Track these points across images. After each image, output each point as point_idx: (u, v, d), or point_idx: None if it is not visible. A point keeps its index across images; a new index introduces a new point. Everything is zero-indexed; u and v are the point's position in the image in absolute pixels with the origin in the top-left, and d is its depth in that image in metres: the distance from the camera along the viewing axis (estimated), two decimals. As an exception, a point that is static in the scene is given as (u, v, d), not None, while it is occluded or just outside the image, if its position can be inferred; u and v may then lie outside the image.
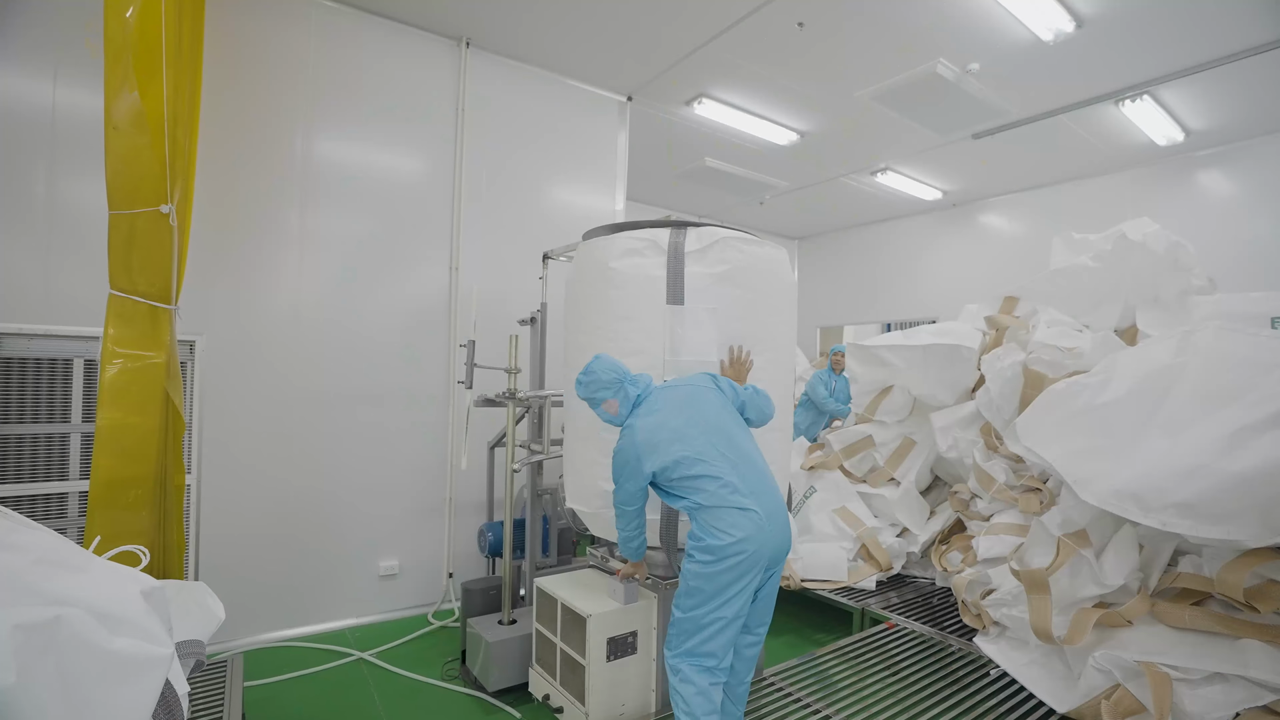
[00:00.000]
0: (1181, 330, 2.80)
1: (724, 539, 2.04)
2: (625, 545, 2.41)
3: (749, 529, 2.06)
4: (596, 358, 2.39)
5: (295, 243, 3.74)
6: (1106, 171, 6.45)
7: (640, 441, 2.21)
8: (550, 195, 4.76)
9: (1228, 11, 3.81)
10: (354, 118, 3.95)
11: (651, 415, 2.26)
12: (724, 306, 2.58)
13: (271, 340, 3.65)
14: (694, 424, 2.23)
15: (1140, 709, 2.23)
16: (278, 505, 3.65)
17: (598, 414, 2.40)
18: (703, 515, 2.11)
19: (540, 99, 4.71)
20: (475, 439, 4.26)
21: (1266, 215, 5.56)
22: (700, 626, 2.07)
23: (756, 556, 2.06)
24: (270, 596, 3.60)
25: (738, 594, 2.07)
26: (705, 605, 2.07)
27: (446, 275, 4.26)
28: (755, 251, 2.70)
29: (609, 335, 2.63)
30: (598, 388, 2.34)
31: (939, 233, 8.25)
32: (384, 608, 3.97)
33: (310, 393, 3.75)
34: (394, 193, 4.09)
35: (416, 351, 4.13)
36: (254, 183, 3.61)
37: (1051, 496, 3.30)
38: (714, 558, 2.05)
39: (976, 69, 4.46)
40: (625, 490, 2.27)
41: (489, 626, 3.01)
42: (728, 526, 2.06)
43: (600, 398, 2.35)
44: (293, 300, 3.73)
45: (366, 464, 3.93)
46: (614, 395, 2.32)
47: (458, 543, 4.23)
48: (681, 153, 6.43)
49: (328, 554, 3.79)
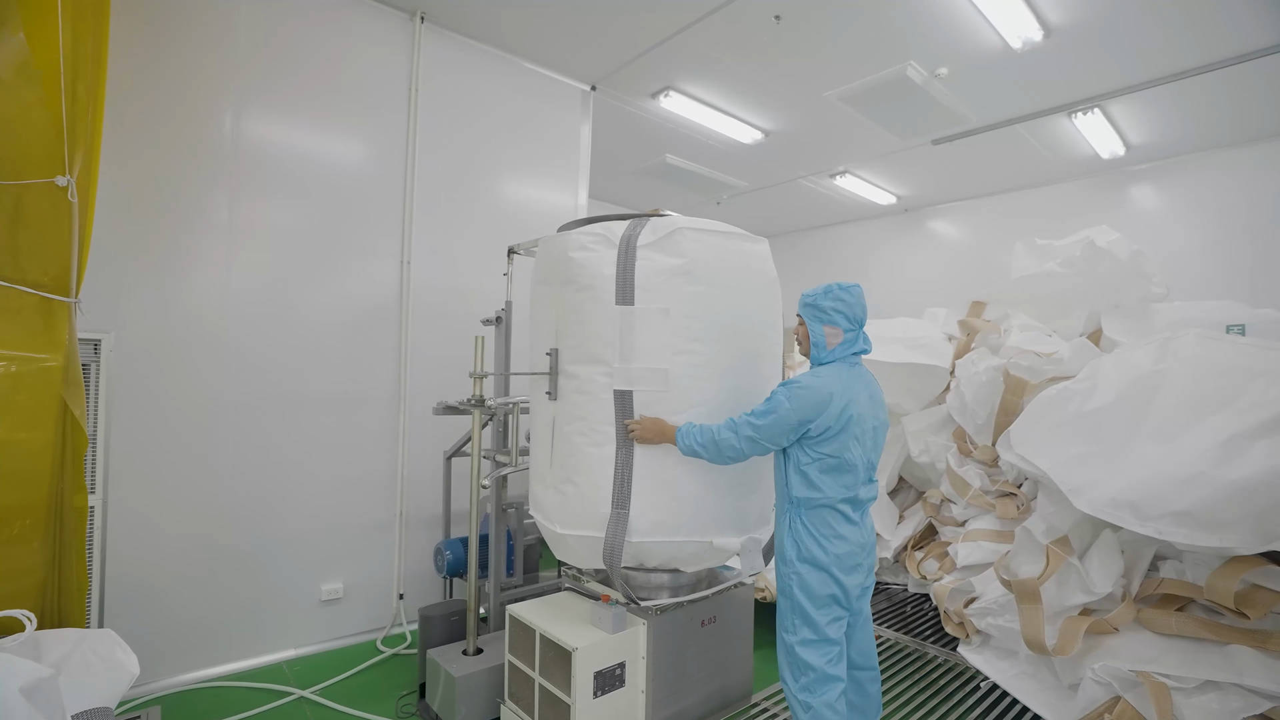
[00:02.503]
0: (1160, 336, 2.82)
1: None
2: (714, 450, 2.15)
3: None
4: (858, 286, 2.18)
5: (224, 230, 3.31)
6: (1051, 182, 6.70)
7: (840, 397, 2.01)
8: (509, 187, 4.46)
9: (1179, 32, 3.94)
10: (294, 95, 3.53)
11: (859, 386, 2.10)
12: (679, 305, 2.32)
13: (195, 340, 3.21)
14: (871, 435, 2.13)
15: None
16: (202, 526, 3.21)
17: (810, 328, 2.16)
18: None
19: (499, 83, 4.41)
20: (430, 448, 3.93)
21: (1190, 228, 5.89)
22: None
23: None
24: (194, 630, 3.16)
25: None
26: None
27: (397, 269, 3.90)
28: (721, 243, 2.44)
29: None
30: (843, 309, 2.11)
31: (889, 237, 8.40)
32: (327, 635, 3.58)
33: (241, 398, 3.33)
34: (339, 179, 3.70)
35: (364, 352, 3.76)
36: (175, 161, 3.16)
37: (1027, 501, 3.31)
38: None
39: (945, 74, 4.48)
40: (768, 430, 2.01)
41: (453, 658, 2.72)
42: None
43: (835, 321, 2.12)
44: (220, 295, 3.29)
45: (306, 477, 3.53)
46: (846, 328, 2.12)
47: (410, 561, 3.88)
48: (643, 148, 6.24)
49: (262, 578, 3.38)
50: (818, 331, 2.16)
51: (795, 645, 1.99)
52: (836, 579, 1.98)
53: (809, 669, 1.95)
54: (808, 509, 2.04)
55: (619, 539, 2.27)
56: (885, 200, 7.59)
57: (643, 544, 2.32)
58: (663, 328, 2.29)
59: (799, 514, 2.05)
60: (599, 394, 2.38)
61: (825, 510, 2.02)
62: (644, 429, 2.26)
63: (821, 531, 2.01)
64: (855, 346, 2.14)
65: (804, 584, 1.99)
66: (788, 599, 2.04)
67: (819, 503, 2.02)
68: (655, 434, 2.25)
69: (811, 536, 2.01)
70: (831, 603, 2.00)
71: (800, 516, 2.05)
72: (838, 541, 2.00)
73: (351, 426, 3.70)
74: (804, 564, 2.01)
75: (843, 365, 2.12)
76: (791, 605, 2.02)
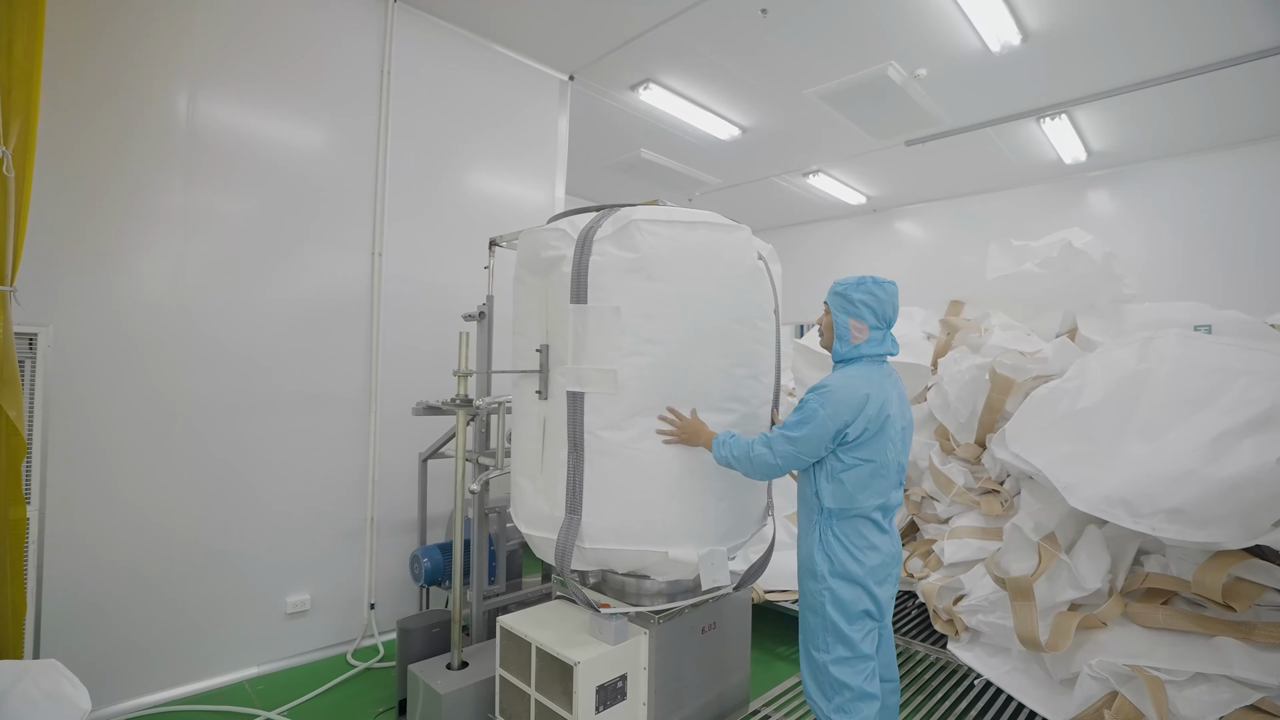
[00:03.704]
0: (1142, 336, 2.89)
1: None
2: (746, 464, 2.06)
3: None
4: (894, 284, 2.08)
5: (179, 218, 3.04)
6: (1014, 185, 6.89)
7: (872, 397, 1.92)
8: (484, 179, 4.29)
9: (1153, 37, 4.06)
10: (257, 75, 3.28)
11: (888, 386, 2.02)
12: (630, 303, 2.19)
13: (146, 336, 2.95)
14: (901, 436, 2.07)
15: (1138, 716, 2.23)
16: (154, 537, 2.95)
17: (835, 319, 2.07)
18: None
19: (475, 69, 4.23)
20: (403, 450, 3.74)
21: (1143, 234, 6.14)
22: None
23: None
24: (147, 651, 2.90)
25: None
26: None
27: (368, 262, 3.69)
28: (683, 235, 2.24)
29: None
30: (872, 304, 2.02)
31: (856, 237, 8.52)
32: (293, 651, 3.35)
33: (198, 398, 3.08)
34: (306, 166, 3.46)
35: (333, 348, 3.54)
36: (124, 143, 2.88)
37: (1011, 498, 3.35)
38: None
39: (924, 74, 4.52)
40: (805, 442, 1.91)
41: (437, 672, 2.57)
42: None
43: (862, 316, 2.02)
44: (174, 287, 3.03)
45: (270, 482, 3.30)
46: (873, 325, 2.02)
47: (381, 569, 3.69)
48: (618, 142, 6.13)
49: (221, 592, 3.14)
50: (842, 323, 2.06)
51: (829, 664, 1.91)
52: (871, 592, 1.92)
53: (844, 688, 1.88)
54: (840, 519, 1.96)
55: (569, 544, 2.21)
56: (855, 200, 7.68)
57: (594, 550, 2.24)
58: (613, 327, 2.18)
59: (830, 525, 1.97)
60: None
61: (859, 520, 1.95)
62: (682, 429, 2.16)
63: (855, 543, 1.93)
64: (882, 347, 2.04)
65: (837, 600, 1.91)
66: (819, 616, 1.95)
67: (853, 512, 1.94)
68: (692, 436, 2.16)
69: (845, 549, 1.93)
70: (865, 617, 1.93)
71: (832, 528, 1.96)
72: (871, 553, 1.93)
73: (318, 427, 3.47)
74: (837, 579, 1.93)
75: (870, 364, 2.03)
76: (824, 623, 1.93)
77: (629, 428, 2.21)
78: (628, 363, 2.19)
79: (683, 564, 2.26)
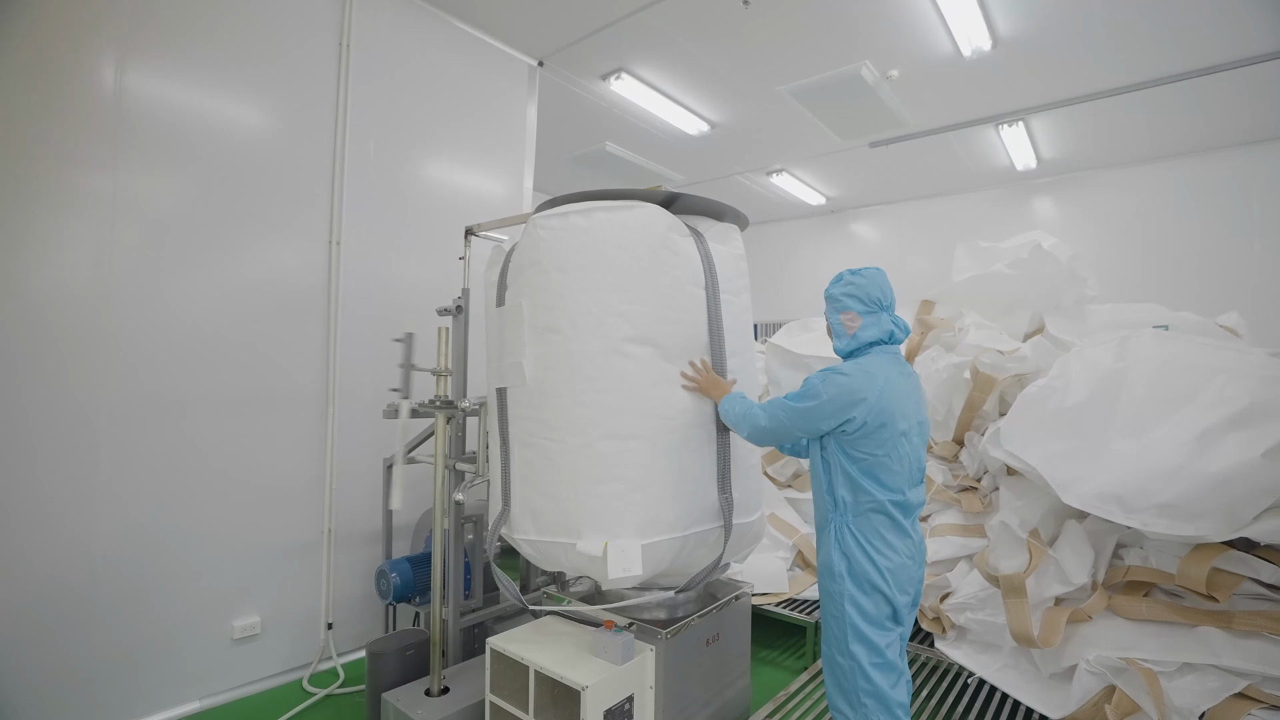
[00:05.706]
0: (1119, 335, 2.97)
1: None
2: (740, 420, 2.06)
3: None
4: (877, 269, 2.08)
5: (105, 203, 2.67)
6: (965, 190, 7.13)
7: (881, 389, 1.88)
8: (448, 167, 4.03)
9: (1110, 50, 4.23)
10: (194, 47, 2.92)
11: (900, 379, 1.98)
12: (530, 297, 2.24)
13: (65, 333, 2.57)
14: (917, 431, 2.01)
15: (1136, 709, 2.26)
16: (78, 558, 2.59)
17: (829, 321, 2.10)
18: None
19: (441, 49, 3.97)
20: (363, 455, 3.46)
21: (1083, 240, 6.45)
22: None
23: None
24: (71, 689, 2.54)
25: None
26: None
27: (325, 251, 3.39)
28: (578, 223, 2.15)
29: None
30: (854, 291, 2.01)
31: (812, 237, 8.63)
32: (242, 679, 3.03)
33: (127, 402, 2.72)
34: (252, 147, 3.12)
35: (282, 345, 3.22)
36: (39, 118, 2.50)
37: (989, 494, 3.40)
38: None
39: (895, 76, 4.57)
40: (802, 415, 1.90)
41: (415, 700, 2.35)
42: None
43: (849, 306, 2.02)
44: (98, 279, 2.65)
45: (212, 492, 2.96)
46: (863, 310, 2.01)
47: (339, 585, 3.39)
48: (583, 134, 5.94)
49: (158, 618, 2.79)
50: (836, 321, 2.08)
51: (853, 670, 1.84)
52: (891, 596, 1.85)
53: (870, 696, 1.81)
54: (855, 515, 1.90)
55: (494, 534, 2.33)
56: (815, 200, 7.77)
57: (521, 542, 2.27)
58: (518, 323, 2.26)
59: (846, 522, 1.91)
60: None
61: (875, 515, 1.89)
62: (702, 379, 2.20)
63: (873, 543, 1.87)
64: (882, 327, 2.01)
65: (857, 603, 1.84)
66: (839, 621, 1.88)
67: (867, 506, 1.89)
68: (710, 387, 2.19)
69: (861, 549, 1.86)
70: (888, 621, 1.87)
71: (848, 524, 1.90)
72: (890, 554, 1.87)
73: (267, 430, 3.15)
74: (855, 580, 1.86)
75: (883, 355, 2.00)
76: (845, 628, 1.87)
77: (538, 418, 2.21)
78: (531, 353, 2.22)
79: (590, 557, 2.05)
